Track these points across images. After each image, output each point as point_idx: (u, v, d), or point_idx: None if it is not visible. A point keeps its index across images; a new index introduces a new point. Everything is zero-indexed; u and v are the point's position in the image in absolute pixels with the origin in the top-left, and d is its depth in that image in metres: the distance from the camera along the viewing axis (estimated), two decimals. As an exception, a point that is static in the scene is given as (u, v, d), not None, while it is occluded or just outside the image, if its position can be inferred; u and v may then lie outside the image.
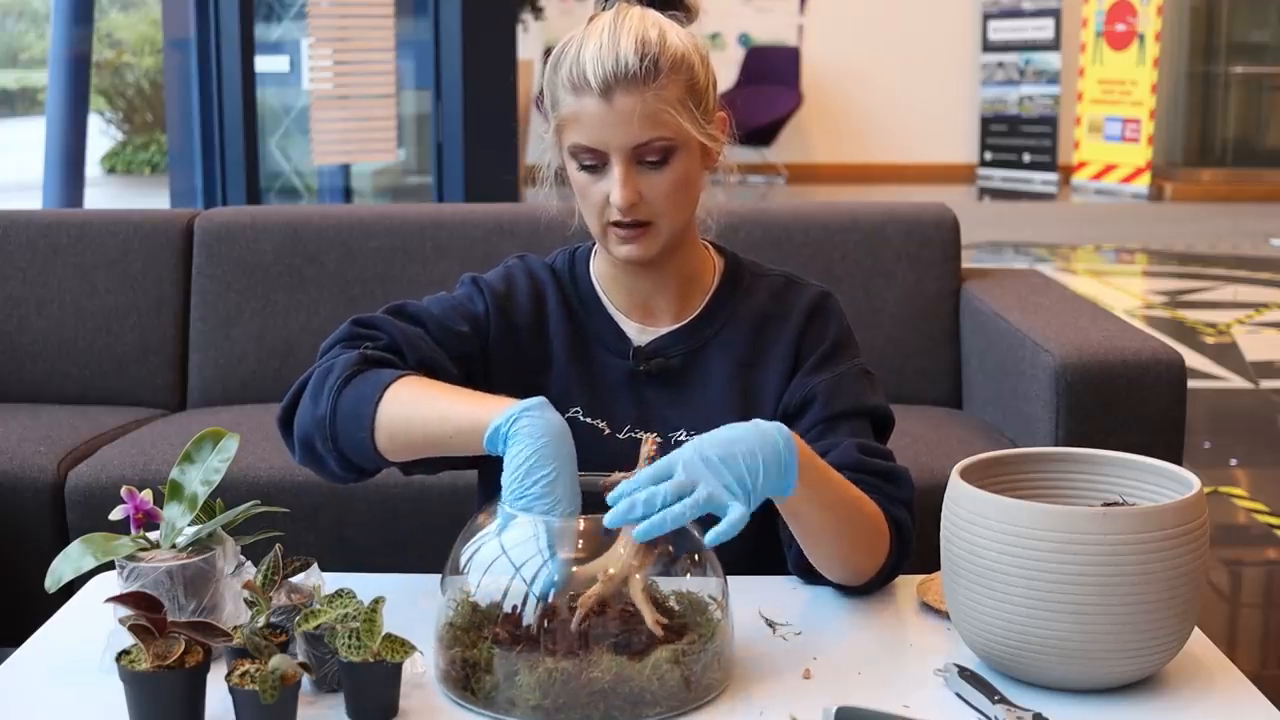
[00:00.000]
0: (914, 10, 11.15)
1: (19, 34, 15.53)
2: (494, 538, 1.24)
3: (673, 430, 1.52)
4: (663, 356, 1.54)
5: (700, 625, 1.23)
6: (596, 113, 1.41)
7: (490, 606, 1.22)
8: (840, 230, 2.72)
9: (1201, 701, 1.23)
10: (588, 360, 1.55)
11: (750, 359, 1.54)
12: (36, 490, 2.32)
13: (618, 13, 1.44)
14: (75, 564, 1.29)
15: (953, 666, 1.24)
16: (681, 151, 1.44)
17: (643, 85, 1.40)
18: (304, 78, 5.72)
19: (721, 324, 1.55)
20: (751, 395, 1.53)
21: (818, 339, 1.54)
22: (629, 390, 1.54)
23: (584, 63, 1.41)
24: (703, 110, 1.46)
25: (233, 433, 1.38)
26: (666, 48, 1.42)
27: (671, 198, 1.45)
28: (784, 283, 1.58)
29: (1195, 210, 9.52)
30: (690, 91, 1.44)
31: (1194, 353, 5.39)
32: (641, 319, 1.55)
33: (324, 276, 2.76)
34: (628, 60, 1.40)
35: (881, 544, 1.41)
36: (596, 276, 1.57)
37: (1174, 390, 2.18)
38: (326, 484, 2.29)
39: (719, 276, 1.57)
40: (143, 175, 12.92)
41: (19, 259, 2.80)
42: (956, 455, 1.41)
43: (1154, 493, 1.30)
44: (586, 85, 1.40)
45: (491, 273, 1.60)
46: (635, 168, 1.43)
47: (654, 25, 1.44)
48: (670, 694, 1.18)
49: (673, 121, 1.42)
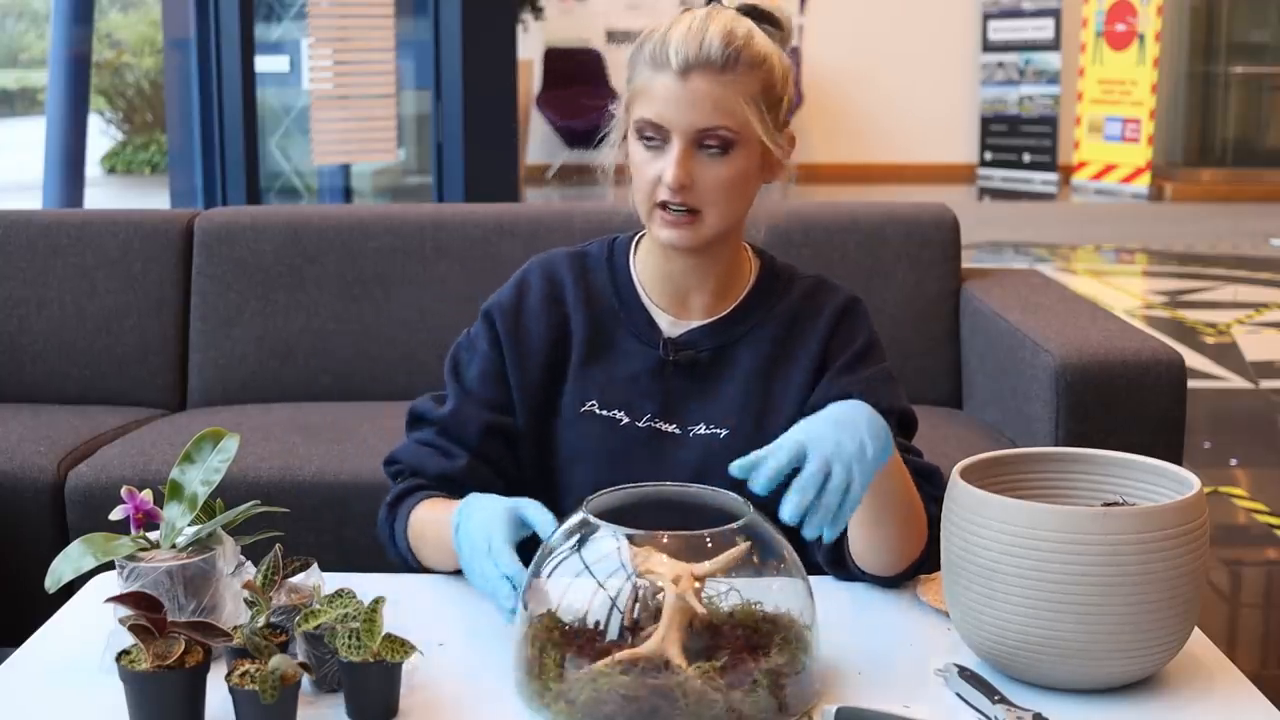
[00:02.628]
0: (914, 10, 11.15)
1: (19, 34, 15.54)
2: (575, 553, 1.22)
3: (692, 424, 1.54)
4: (692, 349, 1.55)
5: (788, 641, 1.20)
6: (669, 89, 1.44)
7: (574, 622, 1.20)
8: (840, 230, 2.72)
9: (1201, 701, 1.23)
10: (613, 349, 1.57)
11: (777, 359, 1.56)
12: (36, 490, 2.32)
13: (712, 7, 1.49)
14: (75, 564, 1.29)
15: (953, 666, 1.24)
16: (742, 147, 1.46)
17: (720, 73, 1.43)
18: (304, 78, 5.72)
19: (753, 323, 1.57)
20: (775, 395, 1.55)
21: (847, 341, 1.57)
22: (655, 380, 1.55)
23: (669, 41, 1.45)
24: (773, 116, 1.49)
25: (233, 433, 1.38)
26: (752, 44, 1.46)
27: (723, 190, 1.47)
28: (815, 285, 1.61)
29: (1195, 210, 9.52)
30: (765, 93, 1.47)
31: (1194, 353, 5.39)
32: (676, 311, 1.57)
33: (324, 276, 2.76)
34: (712, 45, 1.43)
35: (923, 535, 1.44)
36: (636, 266, 1.59)
37: (1174, 390, 2.18)
38: (326, 484, 2.30)
39: (755, 276, 1.60)
40: (143, 175, 12.91)
41: (19, 259, 2.80)
42: (956, 455, 1.40)
43: (1154, 493, 1.30)
44: (666, 62, 1.44)
45: (507, 284, 1.63)
46: (694, 151, 1.45)
47: (743, 24, 1.48)
48: (760, 714, 1.15)
49: (740, 114, 1.45)
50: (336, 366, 2.73)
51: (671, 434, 1.55)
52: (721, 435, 1.54)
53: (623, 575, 1.19)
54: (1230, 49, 11.02)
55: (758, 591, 1.23)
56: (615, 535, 1.20)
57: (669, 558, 1.18)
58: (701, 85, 1.43)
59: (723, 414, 1.54)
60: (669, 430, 1.55)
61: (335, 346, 2.74)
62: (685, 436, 1.54)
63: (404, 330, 2.74)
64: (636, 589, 1.18)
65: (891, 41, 11.15)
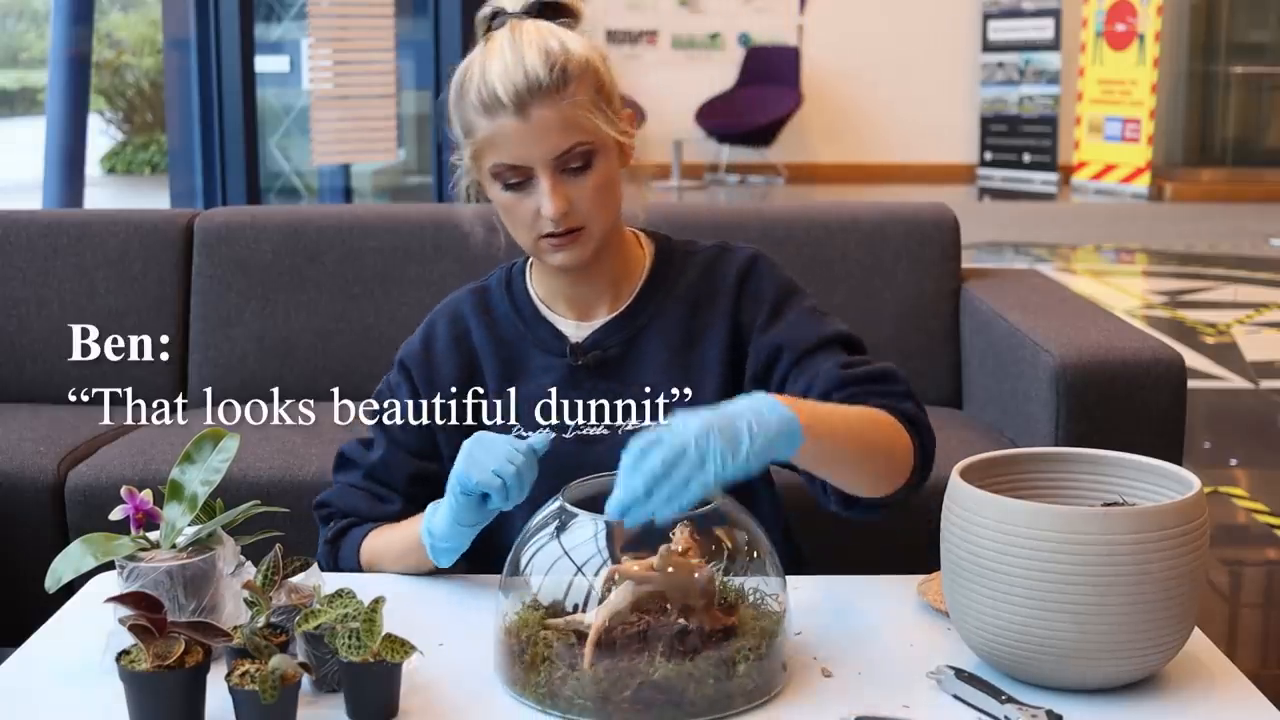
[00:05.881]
0: (914, 10, 11.15)
1: (19, 34, 15.54)
2: (553, 539, 1.25)
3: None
4: (600, 349, 1.56)
5: (756, 627, 1.22)
6: (515, 130, 1.43)
7: (552, 604, 1.23)
8: (840, 230, 2.72)
9: (1201, 701, 1.23)
10: (526, 371, 1.58)
11: (688, 337, 1.56)
12: (36, 490, 2.32)
13: (512, 29, 1.46)
14: (75, 564, 1.29)
15: (947, 669, 1.24)
16: (601, 153, 1.47)
17: (556, 95, 1.42)
18: (304, 78, 5.72)
19: (656, 308, 1.57)
20: (693, 372, 1.55)
21: (757, 299, 1.56)
22: (571, 389, 1.56)
23: (492, 82, 1.43)
24: (613, 109, 1.49)
25: (233, 433, 1.38)
26: (571, 55, 1.44)
27: (599, 199, 1.47)
28: (715, 255, 1.60)
29: (1195, 210, 9.51)
30: (599, 93, 1.47)
31: (1194, 353, 5.39)
32: (580, 317, 1.58)
33: (324, 276, 2.75)
34: (538, 73, 1.42)
35: (900, 440, 1.42)
36: (533, 285, 1.61)
37: (1174, 390, 2.18)
38: (326, 484, 2.30)
39: (650, 261, 1.60)
40: (143, 175, 12.92)
41: (19, 259, 2.80)
42: (956, 455, 1.40)
43: (1154, 493, 1.30)
44: (499, 104, 1.43)
45: (416, 332, 1.66)
46: (560, 176, 1.45)
47: (552, 35, 1.46)
48: (723, 697, 1.17)
49: (590, 125, 1.44)
50: (336, 366, 2.73)
51: (601, 436, 1.55)
52: (651, 425, 1.53)
53: (599, 561, 1.21)
54: (1230, 49, 11.02)
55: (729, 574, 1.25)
56: (594, 521, 1.22)
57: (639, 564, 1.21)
58: (543, 114, 1.42)
59: (646, 405, 1.54)
60: (598, 433, 1.55)
61: (335, 346, 2.74)
62: (615, 435, 1.54)
63: (404, 330, 2.70)
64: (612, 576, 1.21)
65: (891, 41, 11.15)
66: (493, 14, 1.49)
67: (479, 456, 1.36)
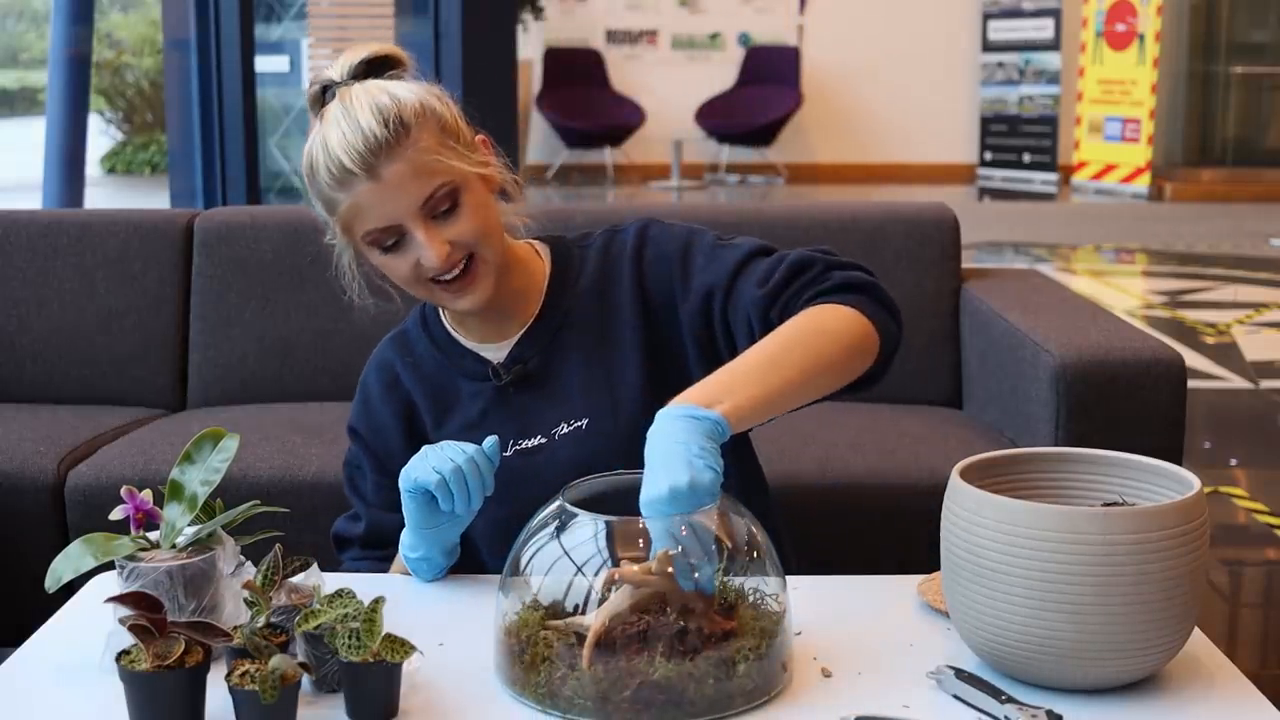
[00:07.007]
0: (914, 10, 11.16)
1: (19, 34, 15.54)
2: (553, 539, 1.25)
3: (553, 427, 1.55)
4: (520, 362, 1.57)
5: (756, 627, 1.22)
6: (372, 194, 1.44)
7: (552, 605, 1.23)
8: (840, 230, 2.72)
9: (1201, 701, 1.23)
10: (457, 401, 1.59)
11: (603, 329, 1.57)
12: (36, 490, 2.32)
13: (342, 98, 1.46)
14: (75, 564, 1.29)
15: (946, 669, 1.24)
16: (465, 189, 1.47)
17: (399, 147, 1.43)
18: (304, 78, 5.72)
19: (565, 308, 1.58)
20: (616, 363, 1.56)
21: (661, 260, 1.57)
22: (501, 408, 1.57)
23: (336, 154, 1.43)
24: (463, 143, 1.49)
25: (233, 433, 1.38)
26: (403, 104, 1.45)
27: (478, 231, 1.48)
28: (605, 241, 1.62)
29: (1195, 210, 9.52)
30: (444, 131, 1.48)
31: (1194, 353, 5.39)
32: (497, 339, 1.59)
33: (324, 276, 2.74)
34: (374, 131, 1.42)
35: (846, 326, 1.41)
36: (447, 318, 1.63)
37: (1174, 390, 2.18)
38: (326, 484, 2.30)
39: (549, 267, 1.61)
40: (143, 175, 12.92)
41: (19, 259, 2.80)
42: (956, 455, 1.41)
43: (1154, 493, 1.30)
44: (349, 173, 1.43)
45: (355, 396, 1.67)
46: (432, 223, 1.46)
47: (381, 91, 1.46)
48: (723, 697, 1.18)
49: (443, 166, 1.45)
50: (336, 366, 2.73)
51: (539, 446, 1.55)
52: (584, 425, 1.54)
53: (600, 561, 1.21)
54: (1230, 49, 11.02)
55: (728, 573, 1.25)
56: (594, 521, 1.22)
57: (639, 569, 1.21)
58: (394, 169, 1.43)
59: (575, 406, 1.55)
60: (535, 445, 1.55)
61: (335, 346, 2.74)
62: (552, 442, 1.55)
63: (404, 330, 2.74)
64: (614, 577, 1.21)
65: (891, 41, 11.15)
66: (322, 89, 1.49)
67: (424, 458, 1.39)
